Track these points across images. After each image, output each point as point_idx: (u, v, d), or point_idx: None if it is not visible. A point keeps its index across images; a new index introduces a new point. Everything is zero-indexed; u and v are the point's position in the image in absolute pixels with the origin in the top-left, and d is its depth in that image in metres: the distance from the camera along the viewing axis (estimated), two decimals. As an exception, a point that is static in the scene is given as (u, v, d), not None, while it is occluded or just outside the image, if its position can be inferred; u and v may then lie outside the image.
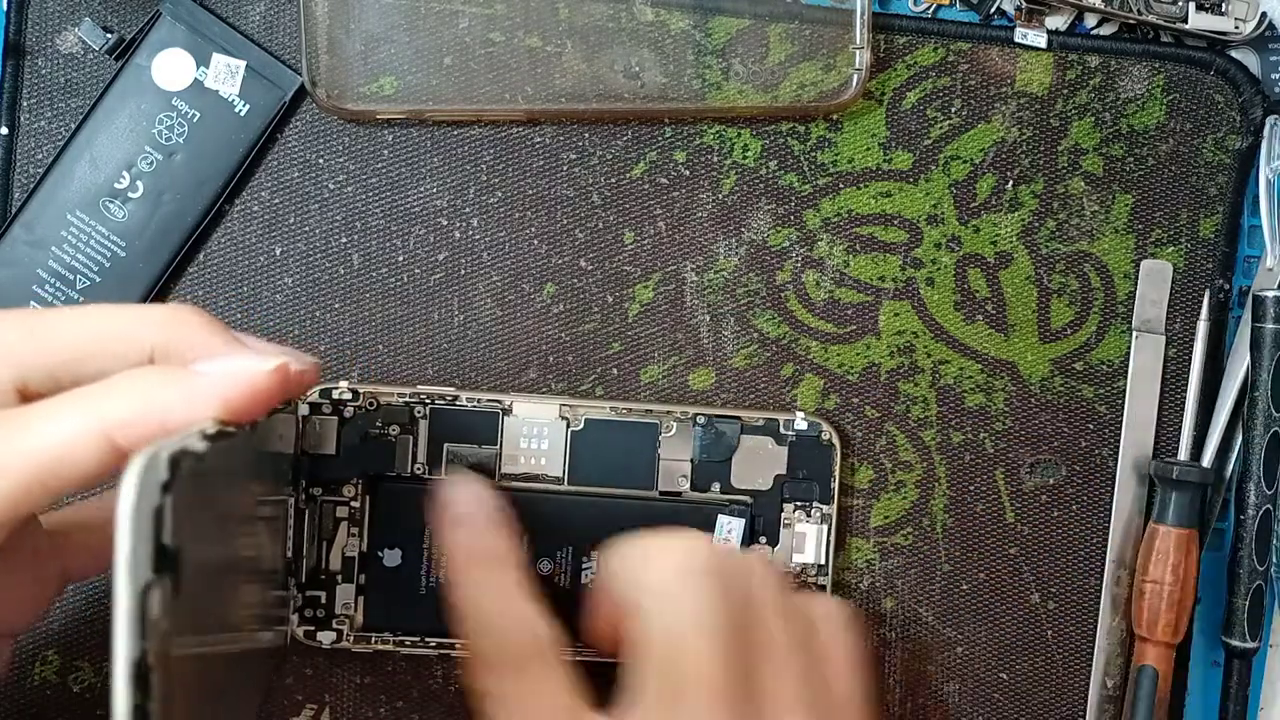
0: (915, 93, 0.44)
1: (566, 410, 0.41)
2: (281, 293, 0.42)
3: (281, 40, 0.42)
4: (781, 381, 0.43)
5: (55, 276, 0.41)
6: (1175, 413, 0.44)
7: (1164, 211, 0.44)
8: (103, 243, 0.41)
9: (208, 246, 0.42)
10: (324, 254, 0.42)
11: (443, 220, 0.43)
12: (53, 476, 0.24)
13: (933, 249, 0.44)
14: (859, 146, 0.44)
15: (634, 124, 0.43)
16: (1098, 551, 0.44)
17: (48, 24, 0.41)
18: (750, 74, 0.43)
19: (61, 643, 0.41)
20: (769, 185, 0.43)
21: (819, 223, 0.44)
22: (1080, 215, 0.44)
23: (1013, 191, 0.44)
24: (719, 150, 0.43)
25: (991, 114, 0.44)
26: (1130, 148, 0.44)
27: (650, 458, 0.41)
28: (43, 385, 0.27)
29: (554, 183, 0.43)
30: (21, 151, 0.41)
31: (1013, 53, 0.44)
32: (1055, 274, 0.44)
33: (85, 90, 0.41)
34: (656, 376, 0.43)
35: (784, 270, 0.43)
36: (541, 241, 0.43)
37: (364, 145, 0.42)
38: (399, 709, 0.42)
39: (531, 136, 0.43)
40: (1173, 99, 0.44)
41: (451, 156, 0.43)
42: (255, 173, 0.42)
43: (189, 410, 0.25)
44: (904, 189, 0.44)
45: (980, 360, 0.44)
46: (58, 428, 0.24)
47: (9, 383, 0.26)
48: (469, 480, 0.38)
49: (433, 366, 0.42)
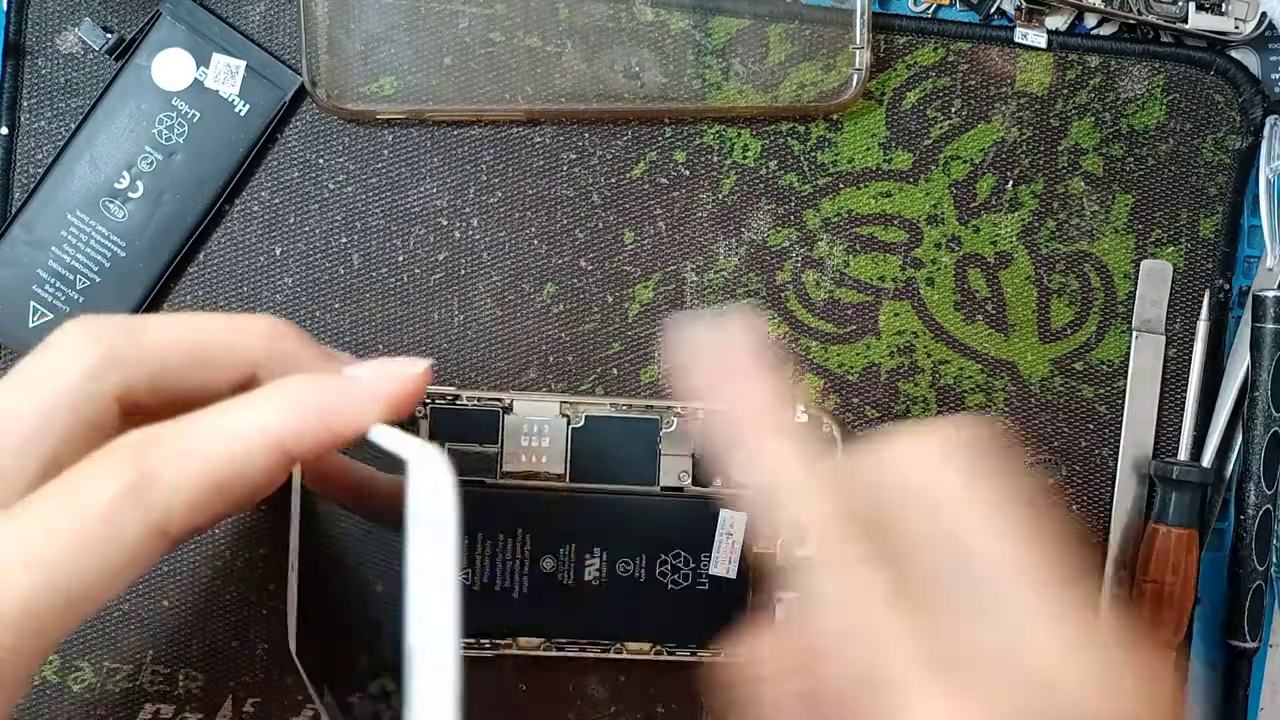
0: (915, 93, 0.44)
1: (567, 408, 0.41)
2: (281, 293, 0.42)
3: (281, 40, 0.42)
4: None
5: (55, 276, 0.41)
6: (1175, 413, 0.44)
7: (1164, 211, 0.44)
8: (103, 243, 0.41)
9: (208, 246, 0.42)
10: (324, 254, 0.42)
11: (443, 220, 0.43)
12: (230, 487, 0.24)
13: (933, 249, 0.44)
14: (859, 146, 0.44)
15: (634, 124, 0.43)
16: (1098, 551, 0.44)
17: (48, 24, 0.41)
18: (750, 74, 0.43)
19: (60, 642, 0.41)
20: (769, 185, 0.43)
21: (819, 223, 0.43)
22: (1080, 215, 0.44)
23: (1013, 191, 0.44)
24: (719, 150, 0.43)
25: (991, 114, 0.44)
26: (1130, 148, 0.44)
27: (651, 454, 0.41)
28: (145, 394, 0.26)
29: (554, 183, 0.43)
30: (21, 151, 0.41)
31: (1013, 53, 0.44)
32: (1055, 274, 0.44)
33: (85, 90, 0.41)
34: (656, 376, 0.43)
35: (784, 270, 0.43)
36: (541, 241, 0.43)
37: (364, 145, 0.42)
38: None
39: (531, 136, 0.43)
40: (1173, 99, 0.44)
41: (451, 156, 0.42)
42: (255, 173, 0.42)
43: (357, 415, 0.26)
44: (904, 189, 0.44)
45: (980, 360, 0.44)
46: (233, 440, 0.24)
47: (112, 389, 0.26)
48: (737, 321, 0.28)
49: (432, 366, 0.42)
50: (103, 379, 0.26)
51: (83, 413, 0.26)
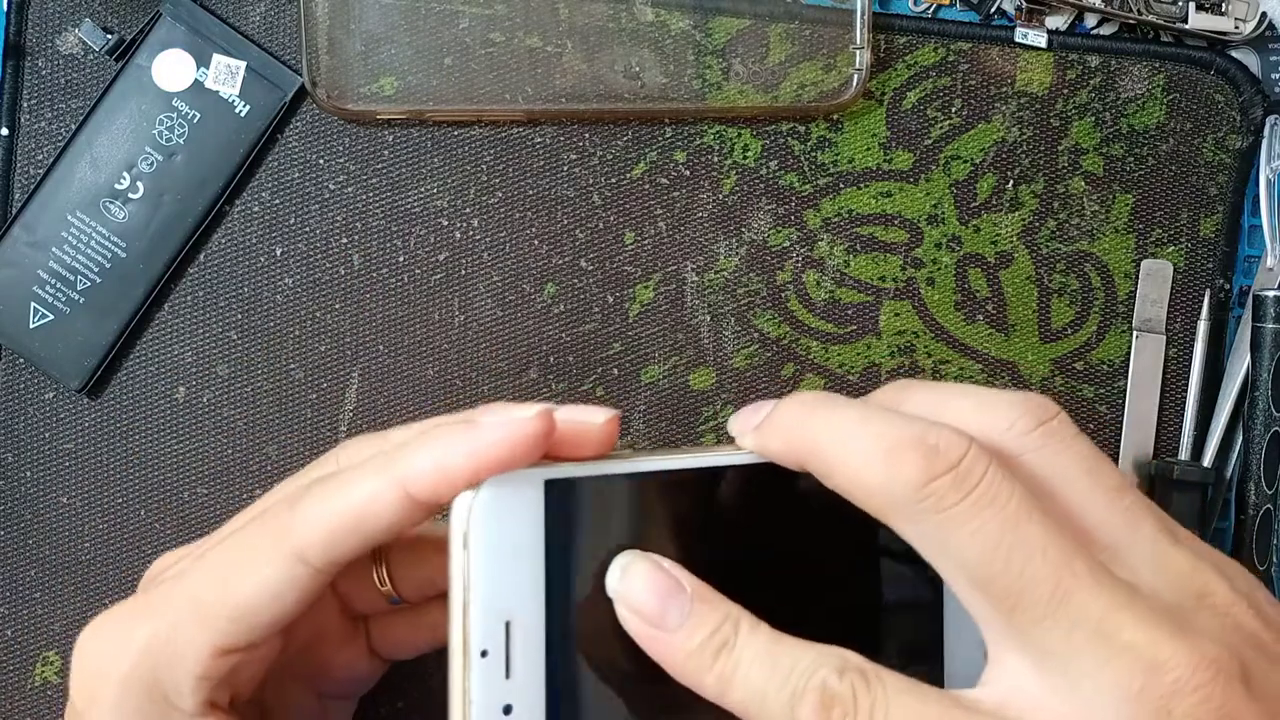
0: (915, 93, 0.44)
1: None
2: (281, 293, 0.42)
3: (281, 40, 0.42)
4: (782, 382, 0.43)
5: (55, 277, 0.41)
6: (1175, 413, 0.44)
7: (1164, 211, 0.44)
8: (103, 243, 0.41)
9: (208, 247, 0.42)
10: (324, 254, 0.42)
11: (443, 220, 0.43)
12: (360, 526, 0.28)
13: (933, 249, 0.44)
14: (859, 146, 0.44)
15: (634, 124, 0.43)
16: (1098, 551, 0.44)
17: (48, 25, 0.41)
18: (750, 74, 0.43)
19: (62, 643, 0.41)
20: (769, 185, 0.43)
21: (819, 223, 0.44)
22: (1080, 215, 0.44)
23: (1013, 191, 0.44)
24: (719, 150, 0.43)
25: (992, 114, 0.44)
26: (1130, 147, 0.44)
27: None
28: (237, 639, 0.29)
29: (554, 183, 0.43)
30: (22, 152, 0.41)
31: (1013, 53, 0.44)
32: (1056, 274, 0.44)
33: (85, 91, 0.41)
34: (657, 376, 0.43)
35: (784, 270, 0.43)
36: (542, 242, 0.43)
37: (364, 146, 0.42)
38: (399, 709, 0.42)
39: (532, 137, 0.43)
40: (1173, 99, 0.44)
41: (452, 157, 0.43)
42: (255, 173, 0.42)
43: (473, 460, 0.27)
44: (904, 189, 0.44)
45: (981, 360, 0.44)
46: (361, 487, 0.28)
47: (207, 647, 0.29)
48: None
49: (433, 366, 0.42)
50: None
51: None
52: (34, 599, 0.41)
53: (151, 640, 0.29)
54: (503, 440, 0.27)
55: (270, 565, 0.28)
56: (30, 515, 0.41)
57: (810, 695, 0.25)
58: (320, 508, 0.28)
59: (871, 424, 0.26)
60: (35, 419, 0.41)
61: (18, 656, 0.41)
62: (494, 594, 0.26)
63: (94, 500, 0.41)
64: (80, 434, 0.42)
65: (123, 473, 0.42)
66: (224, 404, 0.42)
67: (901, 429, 0.25)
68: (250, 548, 0.29)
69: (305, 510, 0.28)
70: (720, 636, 0.26)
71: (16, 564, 0.41)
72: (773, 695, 0.25)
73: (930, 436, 0.25)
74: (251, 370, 0.42)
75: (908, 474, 0.25)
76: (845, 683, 0.25)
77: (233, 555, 0.29)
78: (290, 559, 0.28)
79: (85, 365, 0.41)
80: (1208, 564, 0.26)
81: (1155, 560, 0.26)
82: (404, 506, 0.27)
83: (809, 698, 0.25)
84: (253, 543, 0.29)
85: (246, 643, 0.29)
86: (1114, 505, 0.26)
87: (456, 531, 0.26)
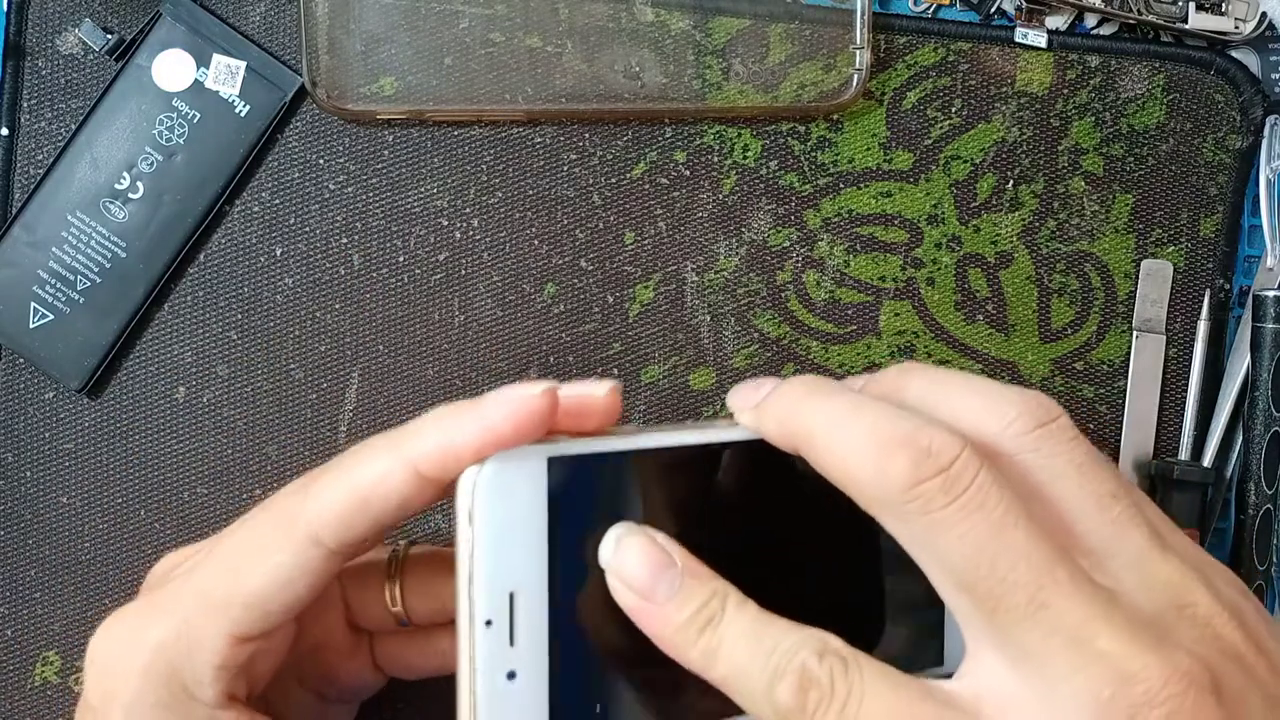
0: (915, 93, 0.44)
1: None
2: (281, 293, 0.42)
3: (281, 40, 0.42)
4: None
5: (56, 277, 0.41)
6: (1175, 413, 0.44)
7: (1164, 211, 0.44)
8: (103, 243, 0.41)
9: (208, 247, 0.42)
10: (324, 254, 0.42)
11: (443, 220, 0.43)
12: (371, 504, 0.28)
13: (933, 249, 0.44)
14: (859, 146, 0.44)
15: (634, 124, 0.43)
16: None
17: (48, 25, 0.41)
18: (750, 74, 0.43)
19: (62, 643, 0.41)
20: (769, 185, 0.43)
21: (819, 223, 0.44)
22: (1080, 215, 0.44)
23: (1013, 191, 0.44)
24: (719, 150, 0.43)
25: (992, 114, 0.44)
26: (1130, 147, 0.44)
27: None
28: (252, 627, 0.29)
29: (554, 183, 0.43)
30: (22, 152, 0.41)
31: (1013, 53, 0.44)
32: (1056, 274, 0.44)
33: (85, 91, 0.41)
34: (657, 377, 0.43)
35: (784, 270, 0.43)
36: (542, 242, 0.43)
37: (364, 146, 0.42)
38: (399, 709, 0.42)
39: (532, 137, 0.43)
40: (1173, 99, 0.44)
41: (452, 157, 0.43)
42: (255, 173, 0.42)
43: (481, 436, 0.27)
44: (904, 189, 0.44)
45: (981, 360, 0.44)
46: (372, 467, 0.28)
47: (224, 636, 0.29)
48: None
49: (433, 367, 0.42)
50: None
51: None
52: (34, 599, 0.41)
53: (165, 636, 0.29)
54: (507, 417, 0.27)
55: (282, 551, 0.29)
56: (30, 515, 0.41)
57: (790, 676, 0.25)
58: (332, 489, 0.29)
59: (866, 417, 0.26)
60: (35, 419, 0.41)
61: (18, 656, 0.41)
62: (498, 566, 0.26)
63: (94, 500, 0.42)
64: (80, 434, 0.42)
65: (123, 473, 0.42)
66: (224, 404, 0.42)
67: (895, 425, 0.26)
68: (261, 536, 0.29)
69: (318, 492, 0.29)
70: (707, 612, 0.26)
71: (16, 564, 0.41)
72: (755, 673, 0.26)
73: (923, 437, 0.25)
74: (251, 370, 0.42)
75: (897, 473, 0.25)
76: (824, 666, 0.25)
77: (243, 545, 0.30)
78: (303, 542, 0.29)
79: (85, 365, 0.41)
80: (1194, 573, 0.26)
81: (1140, 568, 0.26)
82: (414, 484, 0.28)
83: (788, 679, 0.25)
84: (263, 531, 0.29)
85: (261, 630, 0.29)
86: (1104, 511, 0.26)
87: (462, 506, 0.27)
